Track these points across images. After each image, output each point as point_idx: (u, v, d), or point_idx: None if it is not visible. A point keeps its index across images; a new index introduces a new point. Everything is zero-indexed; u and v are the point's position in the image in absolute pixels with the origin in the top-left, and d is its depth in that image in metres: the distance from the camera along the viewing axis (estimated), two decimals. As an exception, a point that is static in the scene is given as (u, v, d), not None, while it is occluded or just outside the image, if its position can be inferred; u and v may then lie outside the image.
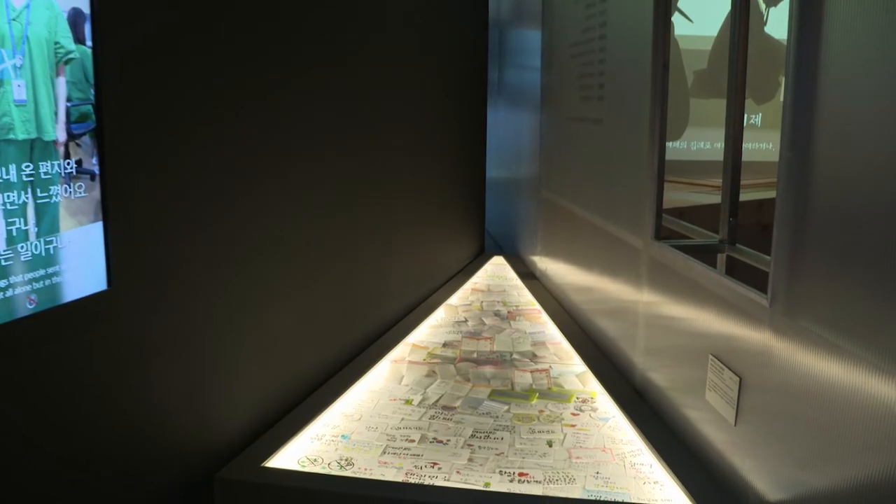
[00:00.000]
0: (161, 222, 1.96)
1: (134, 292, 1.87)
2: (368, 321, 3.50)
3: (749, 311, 1.92)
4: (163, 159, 1.95)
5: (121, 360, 1.85)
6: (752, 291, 1.89)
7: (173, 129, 1.99)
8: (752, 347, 1.91)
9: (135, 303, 1.88)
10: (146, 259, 1.91)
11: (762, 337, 1.85)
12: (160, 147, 1.94)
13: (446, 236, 4.87)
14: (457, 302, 4.34)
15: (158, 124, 1.93)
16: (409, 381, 3.08)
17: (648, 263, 2.74)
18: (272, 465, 2.26)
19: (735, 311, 2.01)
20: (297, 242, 2.73)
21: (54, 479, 1.67)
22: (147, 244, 1.91)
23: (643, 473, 2.30)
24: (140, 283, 1.89)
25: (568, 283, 4.10)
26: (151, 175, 1.91)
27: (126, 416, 1.88)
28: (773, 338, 1.80)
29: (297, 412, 2.63)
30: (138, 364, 1.91)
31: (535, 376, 3.13)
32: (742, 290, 1.94)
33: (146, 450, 1.96)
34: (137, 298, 1.89)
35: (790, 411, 1.74)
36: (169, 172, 1.98)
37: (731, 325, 2.03)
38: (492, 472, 2.32)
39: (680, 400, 2.49)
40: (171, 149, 1.98)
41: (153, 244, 1.94)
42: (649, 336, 2.80)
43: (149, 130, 1.90)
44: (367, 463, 2.36)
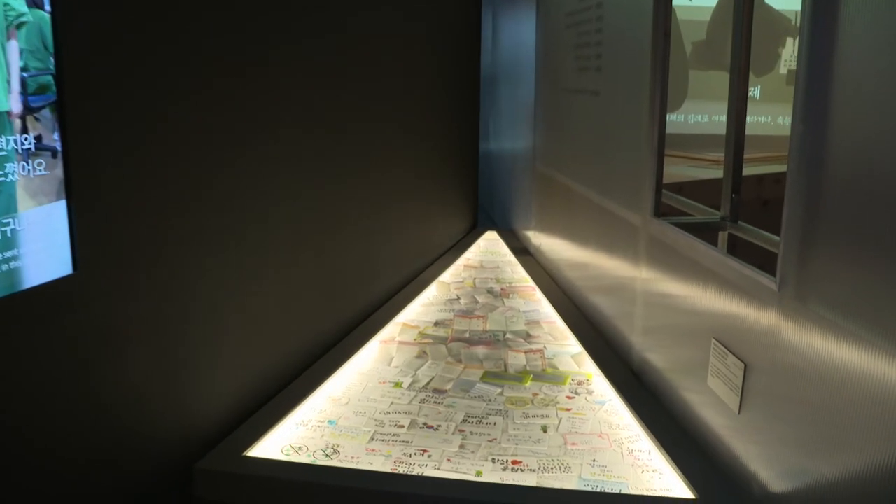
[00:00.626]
0: (131, 202, 1.84)
1: (103, 277, 1.75)
2: (357, 300, 3.39)
3: (756, 295, 1.81)
4: (133, 134, 1.83)
5: (90, 348, 1.74)
6: (759, 274, 1.79)
7: (144, 103, 1.86)
8: (758, 333, 1.81)
9: (104, 288, 1.76)
10: (116, 241, 1.80)
11: (770, 322, 1.75)
12: (130, 121, 1.81)
13: (438, 211, 4.75)
14: (449, 279, 4.24)
15: (127, 97, 1.80)
16: (399, 362, 2.98)
17: (647, 241, 2.63)
18: (255, 454, 2.16)
19: (740, 293, 1.91)
20: (280, 221, 2.61)
21: (23, 472, 1.57)
22: (116, 225, 1.80)
23: (641, 461, 2.21)
24: (109, 267, 1.78)
25: (562, 258, 3.99)
26: (120, 151, 1.79)
27: (98, 407, 1.77)
28: (781, 323, 1.70)
29: (282, 397, 2.53)
30: (110, 352, 1.80)
31: (529, 357, 3.03)
32: (749, 273, 1.84)
33: (121, 441, 1.86)
34: (107, 283, 1.77)
35: (799, 400, 1.64)
36: (140, 149, 1.86)
37: (736, 309, 1.93)
38: (484, 459, 2.23)
39: (679, 382, 2.40)
40: (142, 123, 1.86)
41: (123, 225, 1.82)
42: (647, 315, 2.70)
43: (117, 104, 1.77)
44: (355, 450, 2.27)
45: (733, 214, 2.54)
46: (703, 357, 2.16)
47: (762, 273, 1.78)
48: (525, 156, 4.91)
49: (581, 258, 3.61)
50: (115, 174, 1.78)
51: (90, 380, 1.74)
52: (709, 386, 2.10)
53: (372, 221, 3.54)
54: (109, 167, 1.76)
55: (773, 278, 1.72)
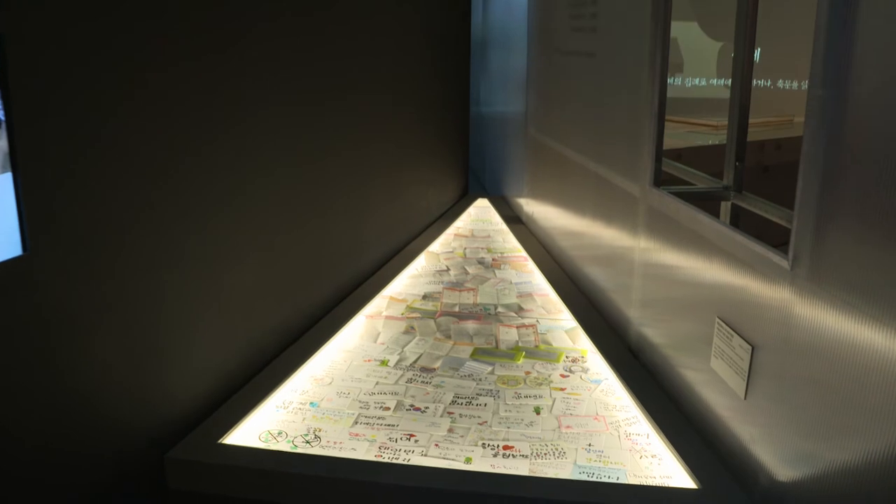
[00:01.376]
0: (90, 176, 1.69)
1: (57, 257, 1.61)
2: (342, 273, 3.25)
3: (766, 273, 1.68)
4: (90, 101, 1.67)
5: (46, 333, 1.60)
6: (770, 251, 1.65)
7: (105, 64, 1.70)
8: (768, 314, 1.68)
9: (59, 269, 1.62)
10: (71, 218, 1.64)
11: (781, 303, 1.62)
12: (86, 87, 1.65)
13: (428, 178, 4.59)
14: (438, 249, 4.10)
15: (83, 60, 1.63)
16: (385, 338, 2.85)
17: (646, 212, 2.50)
18: (230, 441, 2.04)
19: (748, 271, 1.77)
20: (259, 196, 2.46)
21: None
22: (72, 201, 1.64)
23: (639, 445, 2.10)
24: (65, 247, 1.63)
25: (556, 227, 3.86)
26: (74, 120, 1.63)
27: (58, 395, 1.64)
28: (794, 305, 1.57)
29: (261, 379, 2.40)
30: (69, 337, 1.66)
31: (521, 332, 2.91)
32: (759, 250, 1.70)
33: (85, 429, 1.73)
34: (62, 264, 1.62)
35: (811, 387, 1.52)
36: (97, 117, 1.70)
37: (743, 287, 1.80)
38: (474, 444, 2.11)
39: (680, 360, 2.28)
40: (100, 88, 1.69)
41: (80, 201, 1.66)
42: (646, 287, 2.57)
43: (71, 67, 1.60)
44: (337, 435, 2.15)
45: (737, 184, 2.41)
46: (705, 333, 2.04)
47: (773, 250, 1.65)
48: (517, 121, 4.74)
49: (575, 227, 3.47)
50: (68, 145, 1.62)
51: (49, 367, 1.61)
52: (712, 368, 1.98)
53: (358, 193, 3.39)
54: (61, 137, 1.60)
55: (785, 256, 1.59)
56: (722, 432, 1.96)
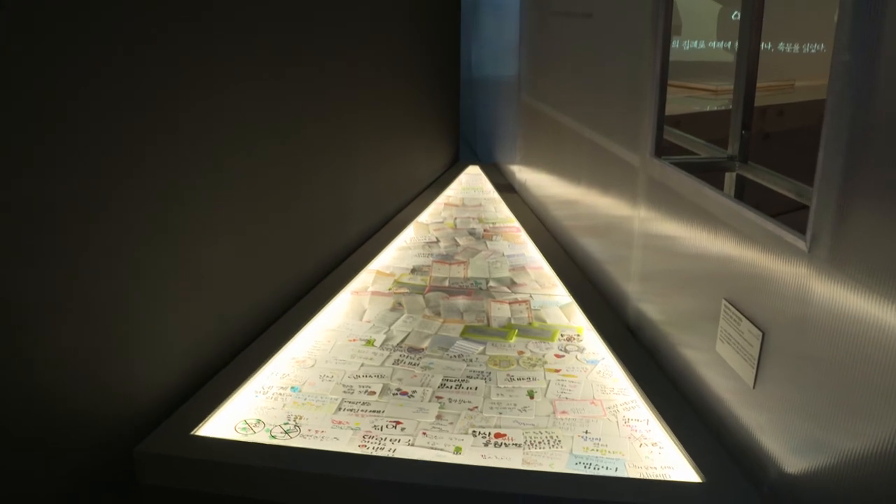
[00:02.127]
0: (40, 152, 1.53)
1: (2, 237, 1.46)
2: (327, 247, 3.11)
3: (780, 255, 1.55)
4: (46, 76, 1.50)
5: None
6: (785, 230, 1.52)
7: (63, 38, 1.53)
8: (781, 299, 1.55)
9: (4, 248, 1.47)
10: (20, 195, 1.49)
11: (796, 288, 1.49)
12: (40, 61, 1.48)
13: (417, 146, 4.43)
14: (428, 219, 3.96)
15: (39, 38, 1.47)
16: (371, 316, 2.72)
17: (646, 183, 2.35)
18: (204, 432, 1.91)
19: (760, 250, 1.64)
20: (235, 165, 2.30)
21: None
22: (21, 176, 1.49)
23: (639, 433, 1.99)
24: (11, 226, 1.48)
25: (549, 196, 3.71)
26: (33, 97, 1.47)
27: (9, 390, 1.50)
28: (811, 290, 1.44)
29: (239, 362, 2.27)
30: (16, 326, 1.52)
31: (513, 309, 2.78)
32: (772, 228, 1.56)
33: (43, 426, 1.59)
34: (8, 243, 1.48)
35: (828, 380, 1.40)
36: (58, 93, 1.53)
37: (754, 268, 1.67)
38: (464, 432, 1.99)
39: (681, 339, 2.16)
40: (56, 62, 1.53)
41: (32, 177, 1.51)
42: (646, 259, 2.43)
43: (31, 45, 1.44)
44: (319, 423, 2.03)
45: (742, 153, 2.27)
46: (710, 312, 1.91)
47: (788, 229, 1.51)
48: (509, 86, 4.57)
49: (570, 195, 3.32)
50: (24, 125, 1.46)
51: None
52: (718, 353, 1.86)
53: (343, 162, 3.23)
54: (24, 120, 1.44)
55: (802, 236, 1.46)
56: (727, 419, 1.84)
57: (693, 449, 1.83)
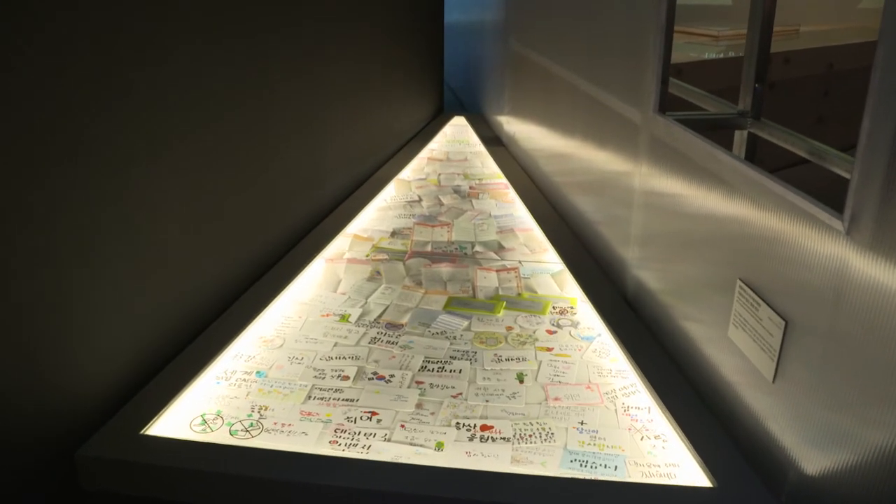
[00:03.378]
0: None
1: None
2: (299, 210, 2.87)
3: (810, 235, 1.33)
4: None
5: None
6: (819, 207, 1.30)
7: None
8: (808, 285, 1.34)
9: None
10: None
11: (830, 274, 1.28)
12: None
13: (398, 96, 4.15)
14: (410, 175, 3.71)
15: None
16: (346, 286, 2.51)
17: (649, 142, 2.12)
18: (155, 431, 1.70)
19: (785, 228, 1.42)
20: (191, 129, 2.04)
21: None
22: None
23: (640, 423, 1.80)
24: None
25: (539, 149, 3.47)
26: None
27: None
28: (848, 278, 1.23)
29: (198, 346, 2.05)
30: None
31: (501, 278, 2.57)
32: (802, 204, 1.34)
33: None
34: None
35: (862, 378, 1.20)
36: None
37: (777, 248, 1.45)
38: (446, 424, 1.80)
39: (686, 313, 1.96)
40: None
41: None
42: (647, 221, 2.20)
43: None
44: (286, 414, 1.83)
45: (755, 109, 2.04)
46: (720, 284, 1.71)
47: (822, 206, 1.29)
48: (496, 31, 4.28)
49: (562, 149, 3.08)
50: None
51: None
52: (729, 338, 1.66)
53: (316, 119, 2.97)
54: None
55: (839, 215, 1.24)
56: (739, 410, 1.65)
57: (701, 444, 1.65)
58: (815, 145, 1.86)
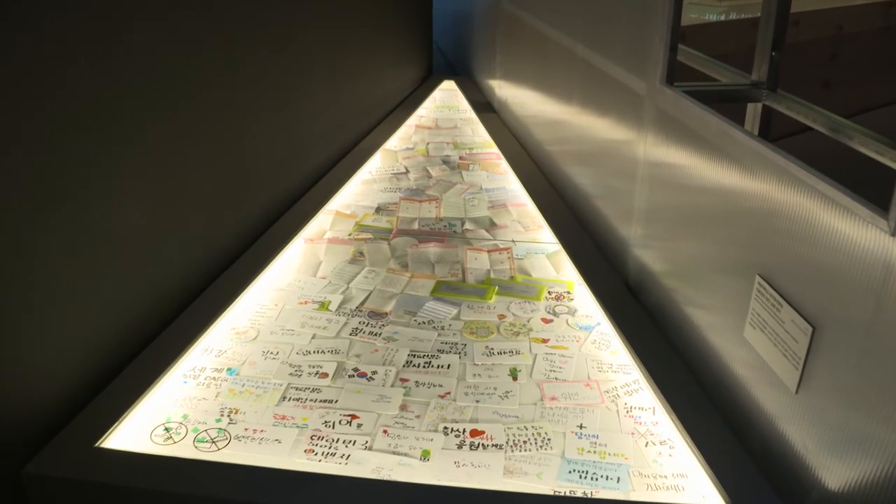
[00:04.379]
0: None
1: None
2: (276, 186, 2.68)
3: (846, 233, 1.17)
4: None
5: None
6: (860, 203, 1.13)
7: None
8: (841, 289, 1.18)
9: None
10: None
11: (870, 277, 1.11)
12: None
13: (383, 60, 3.93)
14: (397, 145, 3.52)
15: None
16: (327, 270, 2.34)
17: (655, 117, 1.94)
18: (112, 443, 1.54)
19: (815, 222, 1.26)
20: (155, 105, 1.85)
21: None
22: None
23: (644, 426, 1.65)
24: None
25: (533, 115, 3.28)
26: None
27: None
28: (892, 285, 1.07)
29: (163, 342, 1.88)
30: None
31: (493, 259, 2.40)
32: (839, 198, 1.17)
33: None
34: None
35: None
36: None
37: (804, 244, 1.29)
38: (433, 428, 1.65)
39: (694, 300, 1.80)
40: None
41: None
42: (652, 196, 2.02)
43: None
44: (259, 419, 1.67)
45: (771, 80, 1.86)
46: (734, 271, 1.55)
47: (864, 202, 1.12)
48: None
49: (558, 115, 2.89)
50: None
51: None
52: (745, 338, 1.50)
53: (294, 87, 2.77)
54: None
55: (883, 213, 1.07)
56: (756, 416, 1.50)
57: (711, 452, 1.50)
58: (837, 120, 1.70)
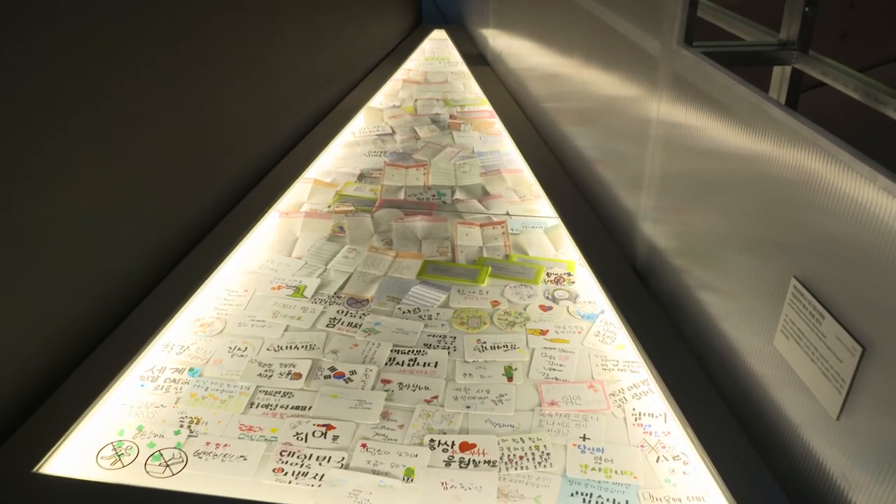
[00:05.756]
0: None
1: None
2: (248, 155, 2.45)
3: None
4: None
5: None
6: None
7: None
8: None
9: None
10: None
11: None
12: None
13: (367, 8, 3.65)
14: (382, 102, 3.28)
15: None
16: (303, 248, 2.13)
17: (671, 83, 1.70)
18: (52, 468, 1.35)
19: (869, 221, 1.05)
20: (108, 67, 1.61)
21: None
22: None
23: (654, 436, 1.47)
24: None
25: (529, 68, 3.03)
26: None
27: None
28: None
29: (118, 336, 1.69)
30: None
31: (485, 234, 2.19)
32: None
33: None
34: None
35: None
36: None
37: (853, 246, 1.08)
38: (417, 440, 1.47)
39: (710, 283, 1.61)
40: None
41: None
42: (668, 162, 1.78)
43: None
44: (222, 430, 1.49)
45: (803, 40, 1.63)
46: (763, 259, 1.35)
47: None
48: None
49: (557, 69, 2.65)
50: None
51: None
52: (775, 347, 1.30)
53: (266, 42, 2.51)
54: None
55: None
56: (787, 435, 1.32)
57: (730, 468, 1.32)
58: (875, 85, 1.48)
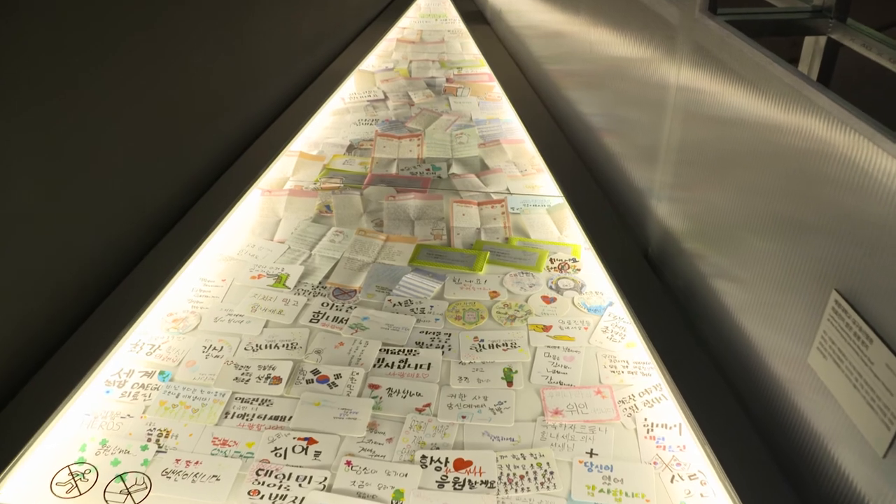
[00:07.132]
0: None
1: None
2: (227, 127, 2.27)
3: None
4: None
5: None
6: None
7: None
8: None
9: None
10: None
11: None
12: None
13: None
14: (375, 64, 3.08)
15: None
16: (286, 231, 1.97)
17: (692, 54, 1.52)
18: (1, 497, 1.23)
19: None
20: (60, 35, 1.43)
21: None
22: None
23: (668, 451, 1.33)
24: None
25: (532, 27, 2.83)
26: None
27: None
28: None
29: (81, 338, 1.54)
30: None
31: (483, 214, 2.04)
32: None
33: None
34: None
35: None
36: None
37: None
38: (408, 458, 1.33)
39: (733, 274, 1.45)
40: None
41: None
42: (686, 132, 1.60)
43: None
44: (194, 444, 1.35)
45: (840, 8, 1.45)
46: (801, 247, 1.20)
47: None
48: None
49: (561, 27, 2.46)
50: None
51: None
52: (809, 365, 1.15)
53: (244, 2, 2.32)
54: None
55: None
56: (820, 462, 1.18)
57: (753, 494, 1.18)
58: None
